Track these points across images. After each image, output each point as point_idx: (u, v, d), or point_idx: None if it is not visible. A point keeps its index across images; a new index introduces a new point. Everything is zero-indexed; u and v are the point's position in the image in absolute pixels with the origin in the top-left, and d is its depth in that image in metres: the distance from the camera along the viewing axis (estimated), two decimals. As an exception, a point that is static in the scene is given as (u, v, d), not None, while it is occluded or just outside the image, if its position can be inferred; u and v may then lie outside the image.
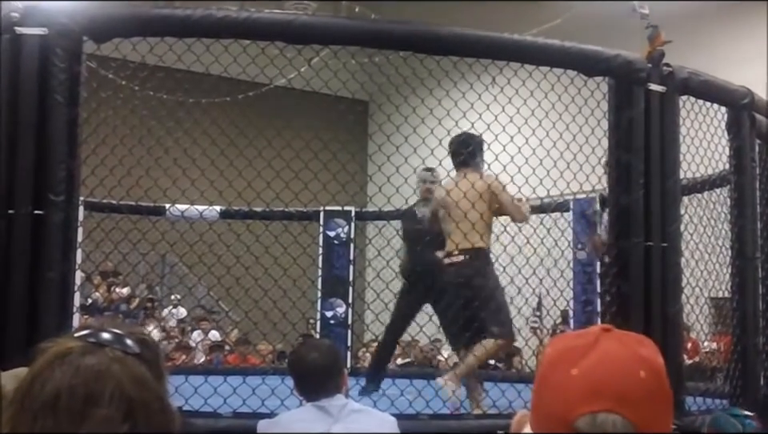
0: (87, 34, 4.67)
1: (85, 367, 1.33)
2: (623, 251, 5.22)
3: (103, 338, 1.39)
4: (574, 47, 5.38)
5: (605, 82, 5.44)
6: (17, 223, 4.37)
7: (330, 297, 10.80)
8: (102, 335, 1.40)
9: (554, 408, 1.42)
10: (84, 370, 1.32)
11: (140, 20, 5.00)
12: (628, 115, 5.25)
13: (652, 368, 1.44)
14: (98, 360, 1.34)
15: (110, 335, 1.40)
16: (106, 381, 1.32)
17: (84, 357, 1.34)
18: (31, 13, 4.54)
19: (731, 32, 15.59)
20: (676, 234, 5.39)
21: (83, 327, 1.43)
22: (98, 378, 1.32)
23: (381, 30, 5.51)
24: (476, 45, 5.39)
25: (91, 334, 1.40)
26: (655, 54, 5.42)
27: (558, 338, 1.54)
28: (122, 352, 1.37)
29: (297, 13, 13.21)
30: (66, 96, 4.50)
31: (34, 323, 4.28)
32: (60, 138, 4.48)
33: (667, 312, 5.25)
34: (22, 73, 4.48)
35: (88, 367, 1.33)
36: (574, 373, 1.41)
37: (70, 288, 4.57)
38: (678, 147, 5.46)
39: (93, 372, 1.32)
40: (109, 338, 1.39)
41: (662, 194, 5.28)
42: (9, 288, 4.34)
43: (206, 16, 4.88)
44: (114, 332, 1.41)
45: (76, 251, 4.77)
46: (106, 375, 1.32)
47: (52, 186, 4.42)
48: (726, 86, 5.93)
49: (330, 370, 3.82)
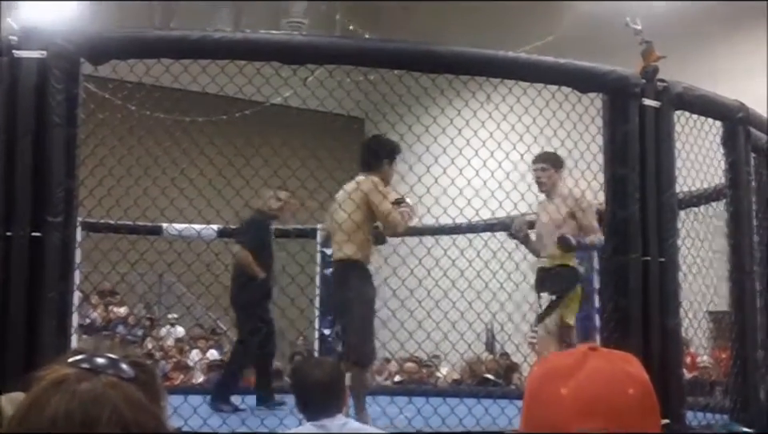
0: (85, 56, 4.69)
1: (81, 393, 1.33)
2: (621, 266, 5.23)
3: (97, 363, 1.39)
4: (568, 63, 5.40)
5: (599, 97, 5.46)
6: (15, 245, 4.38)
7: (328, 315, 10.79)
8: (96, 360, 1.39)
9: (544, 428, 1.44)
10: (80, 396, 1.32)
11: (137, 42, 5.03)
12: (623, 130, 5.26)
13: (640, 385, 1.45)
14: (94, 386, 1.34)
15: (104, 360, 1.39)
16: (102, 406, 1.32)
17: (80, 384, 1.34)
18: (29, 36, 4.57)
19: (732, 45, 15.64)
20: (673, 248, 5.40)
21: (77, 351, 1.42)
22: (95, 403, 1.32)
23: (375, 48, 5.54)
24: (471, 62, 5.41)
25: (85, 360, 1.40)
26: (649, 70, 5.45)
27: (544, 358, 1.56)
28: (118, 377, 1.38)
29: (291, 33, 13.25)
30: (63, 117, 4.51)
31: (33, 344, 4.28)
32: (58, 159, 4.49)
33: (666, 327, 5.25)
34: (20, 95, 4.49)
35: (84, 392, 1.33)
36: (564, 392, 1.42)
37: (68, 308, 4.58)
38: (673, 162, 5.47)
39: (89, 398, 1.32)
40: (103, 363, 1.39)
41: (658, 208, 5.29)
42: (8, 309, 4.34)
43: (202, 37, 4.91)
44: (108, 357, 1.41)
45: (74, 271, 4.78)
46: (102, 400, 1.32)
47: (50, 208, 4.43)
48: (720, 101, 5.95)
49: (333, 389, 3.82)
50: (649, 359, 4.89)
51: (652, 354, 5.07)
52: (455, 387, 11.27)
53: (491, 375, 12.68)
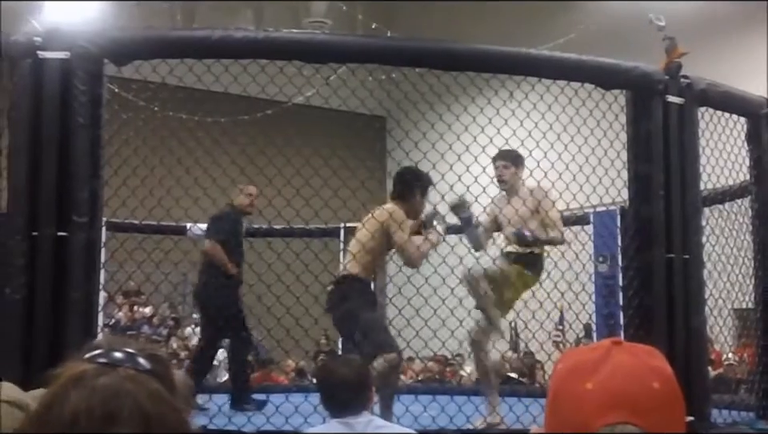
0: (108, 57, 4.72)
1: (100, 388, 1.33)
2: (645, 263, 5.21)
3: (115, 357, 1.39)
4: (591, 60, 5.39)
5: (623, 94, 5.45)
6: (41, 245, 4.41)
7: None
8: (114, 354, 1.40)
9: (569, 423, 1.43)
10: (100, 390, 1.33)
11: (160, 42, 5.06)
12: (646, 127, 5.25)
13: (664, 378, 1.45)
14: (112, 380, 1.35)
15: (121, 354, 1.40)
16: (122, 400, 1.32)
17: (98, 378, 1.34)
18: (53, 37, 4.60)
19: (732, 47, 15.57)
20: (698, 245, 5.38)
21: (93, 347, 1.43)
22: (115, 397, 1.32)
23: (397, 47, 5.55)
24: (493, 60, 5.41)
25: (102, 354, 1.40)
26: (673, 66, 5.42)
27: (568, 353, 1.55)
28: (135, 370, 1.38)
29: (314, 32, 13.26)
30: (88, 118, 4.54)
31: (59, 343, 4.31)
32: (83, 159, 4.52)
33: (691, 324, 5.23)
34: (44, 96, 4.53)
35: (103, 387, 1.33)
36: (589, 387, 1.42)
37: (93, 308, 4.61)
38: (697, 158, 5.45)
39: (109, 392, 1.33)
40: (120, 357, 1.39)
41: (682, 205, 5.27)
42: (34, 308, 4.37)
43: (224, 37, 4.92)
44: (125, 351, 1.41)
45: (99, 271, 4.81)
46: (122, 393, 1.33)
47: (75, 208, 4.46)
48: (744, 97, 5.92)
49: (359, 387, 3.80)
50: (673, 356, 4.87)
51: (677, 352, 5.05)
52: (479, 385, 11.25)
53: (515, 373, 12.66)
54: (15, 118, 4.58)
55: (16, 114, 4.57)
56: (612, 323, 9.67)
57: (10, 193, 4.52)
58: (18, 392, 1.99)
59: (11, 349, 4.34)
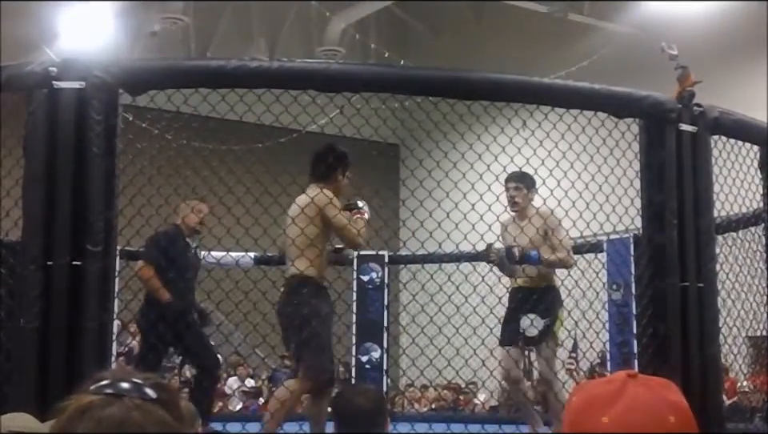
0: (123, 87, 4.74)
1: (107, 419, 1.33)
2: (659, 291, 5.20)
3: (121, 388, 1.40)
4: (603, 89, 5.39)
5: (635, 123, 5.45)
6: (55, 274, 4.42)
7: (365, 342, 10.78)
8: (120, 384, 1.40)
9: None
10: (106, 421, 1.33)
11: (174, 72, 5.09)
12: (660, 156, 5.24)
13: (680, 412, 1.45)
14: (119, 410, 1.35)
15: (126, 384, 1.40)
16: (129, 431, 1.32)
17: (104, 409, 1.35)
18: (68, 67, 4.62)
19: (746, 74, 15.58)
20: (712, 273, 5.36)
21: (99, 378, 1.43)
22: (121, 429, 1.32)
23: (411, 76, 5.56)
24: (506, 89, 5.42)
25: (108, 385, 1.40)
26: (685, 94, 5.43)
27: (582, 385, 1.55)
28: (141, 399, 1.38)
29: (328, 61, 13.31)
30: (102, 148, 4.56)
31: (74, 372, 4.31)
32: (97, 189, 4.53)
33: (705, 353, 5.21)
34: (59, 126, 4.55)
35: (109, 418, 1.34)
36: (605, 421, 1.42)
37: (108, 337, 4.61)
38: (711, 186, 5.44)
39: (115, 423, 1.33)
40: (126, 387, 1.40)
41: (696, 233, 5.26)
42: (48, 338, 4.38)
43: (239, 66, 4.94)
44: (131, 380, 1.42)
45: (114, 300, 4.82)
46: (129, 423, 1.33)
47: (90, 237, 4.47)
48: (757, 125, 5.91)
49: (376, 417, 3.78)
50: (688, 385, 4.85)
51: (691, 380, 5.03)
52: (493, 413, 11.21)
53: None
54: (30, 147, 4.60)
55: (31, 143, 4.59)
56: (626, 352, 9.63)
57: (24, 222, 4.54)
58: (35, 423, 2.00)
59: (26, 379, 4.34)
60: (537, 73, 5.62)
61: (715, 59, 15.09)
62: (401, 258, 11.24)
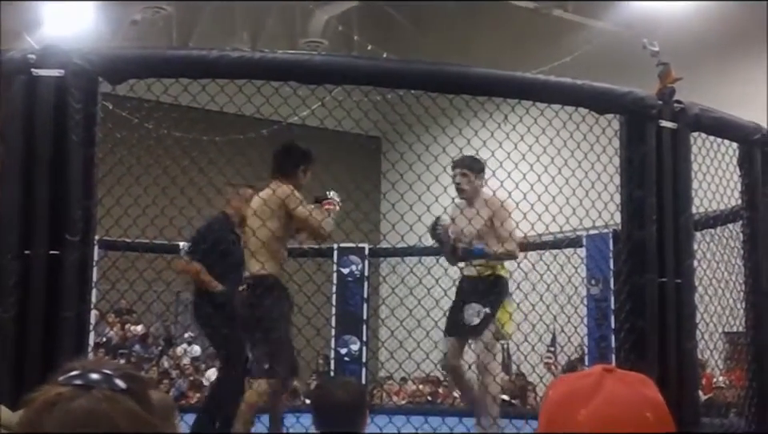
0: (103, 75, 4.72)
1: (75, 411, 1.31)
2: (637, 287, 5.22)
3: (90, 379, 1.37)
4: (585, 85, 5.40)
5: (616, 119, 5.46)
6: (33, 264, 4.40)
7: (345, 334, 10.79)
8: (89, 375, 1.37)
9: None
10: (74, 414, 1.31)
11: (156, 61, 5.06)
12: (640, 152, 5.26)
13: (656, 407, 1.45)
14: (88, 402, 1.32)
15: (96, 375, 1.38)
16: (98, 422, 1.30)
17: (73, 401, 1.32)
18: (48, 54, 4.59)
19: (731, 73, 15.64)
20: (690, 269, 5.38)
21: (68, 369, 1.41)
22: (90, 420, 1.30)
23: (394, 69, 5.56)
24: (488, 83, 5.42)
25: (77, 376, 1.38)
26: (666, 91, 5.44)
27: (560, 379, 1.54)
28: (110, 390, 1.36)
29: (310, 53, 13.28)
30: (82, 136, 4.53)
31: (51, 363, 4.29)
32: (76, 178, 4.51)
33: (682, 348, 5.23)
34: (38, 114, 4.52)
35: (78, 410, 1.31)
36: (582, 416, 1.42)
37: (85, 327, 4.59)
38: (690, 183, 5.46)
39: (84, 415, 1.31)
40: (95, 378, 1.37)
41: (675, 230, 5.28)
42: (26, 327, 4.36)
43: (221, 57, 4.92)
44: (100, 371, 1.39)
45: (92, 290, 4.80)
46: (98, 416, 1.31)
47: (68, 227, 4.44)
48: (737, 122, 5.94)
49: (355, 409, 3.77)
50: (665, 380, 4.87)
51: (668, 375, 5.05)
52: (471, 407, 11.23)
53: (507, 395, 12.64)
54: (8, 135, 4.56)
55: (9, 131, 4.56)
56: (604, 346, 9.68)
57: (1, 211, 4.50)
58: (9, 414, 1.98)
59: (3, 369, 4.32)
60: (520, 68, 5.62)
61: (701, 57, 15.15)
62: (381, 250, 11.25)
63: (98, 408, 1.33)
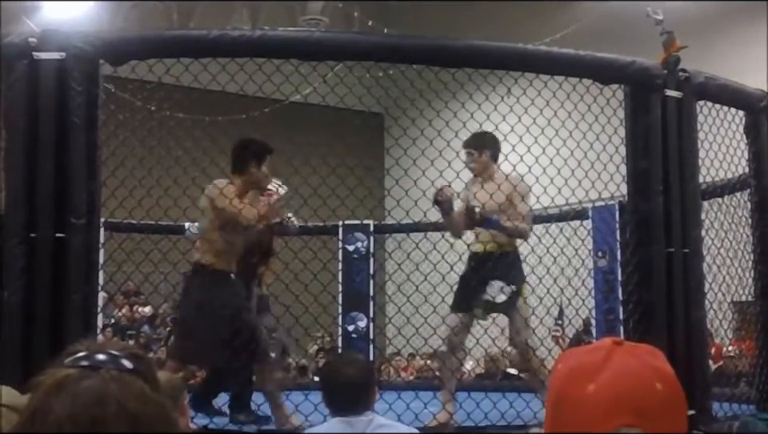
0: (104, 58, 4.71)
1: (83, 393, 1.30)
2: (645, 258, 5.21)
3: (96, 359, 1.37)
4: (588, 55, 5.38)
5: (621, 89, 5.44)
6: (39, 247, 4.40)
7: (351, 311, 10.79)
8: (96, 356, 1.37)
9: (572, 425, 1.42)
10: (83, 395, 1.30)
11: (156, 42, 5.05)
12: (645, 122, 5.24)
13: (666, 379, 1.44)
14: (95, 383, 1.32)
15: (102, 356, 1.37)
16: (106, 403, 1.30)
17: (80, 382, 1.32)
18: (48, 38, 4.58)
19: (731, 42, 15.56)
20: (697, 239, 5.37)
21: (74, 350, 1.41)
22: (98, 401, 1.30)
23: (394, 44, 5.53)
24: (490, 56, 5.40)
25: (84, 357, 1.37)
26: (671, 60, 5.41)
27: (567, 353, 1.53)
28: (117, 371, 1.36)
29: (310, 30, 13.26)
30: (84, 119, 4.53)
31: (59, 345, 4.29)
32: (80, 161, 4.51)
33: (691, 318, 5.22)
34: (40, 97, 4.51)
35: (86, 391, 1.31)
36: (591, 389, 1.40)
37: (93, 309, 4.60)
38: (696, 152, 5.44)
39: (92, 396, 1.30)
40: (102, 358, 1.37)
41: (682, 199, 5.26)
42: (33, 311, 4.36)
43: (221, 36, 4.92)
44: (107, 352, 1.39)
45: (98, 272, 4.80)
46: (106, 396, 1.30)
47: (73, 209, 4.44)
48: (743, 90, 5.91)
49: (364, 386, 3.77)
50: (674, 351, 4.87)
51: (677, 346, 5.04)
52: (479, 381, 11.25)
53: (515, 369, 12.64)
54: (11, 119, 4.56)
55: (11, 115, 4.56)
56: (612, 319, 9.67)
57: (6, 195, 4.51)
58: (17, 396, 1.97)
59: (11, 352, 4.32)
60: (522, 41, 5.59)
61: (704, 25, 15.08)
62: (386, 227, 11.23)
63: (106, 389, 1.32)
